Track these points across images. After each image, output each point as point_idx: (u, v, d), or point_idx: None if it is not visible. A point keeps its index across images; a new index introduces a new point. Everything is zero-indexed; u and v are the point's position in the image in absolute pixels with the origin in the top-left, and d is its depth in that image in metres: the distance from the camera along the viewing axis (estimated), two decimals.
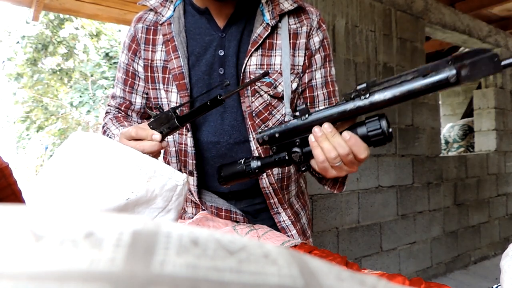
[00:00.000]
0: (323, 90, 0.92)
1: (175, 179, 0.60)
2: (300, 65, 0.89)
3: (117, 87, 0.98)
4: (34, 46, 10.12)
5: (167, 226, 0.13)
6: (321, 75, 0.91)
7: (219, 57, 0.87)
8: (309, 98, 0.92)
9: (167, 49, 0.87)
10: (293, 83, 0.88)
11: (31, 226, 0.12)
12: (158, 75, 0.90)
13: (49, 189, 0.57)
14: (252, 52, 0.85)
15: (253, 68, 0.86)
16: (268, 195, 0.91)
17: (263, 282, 0.12)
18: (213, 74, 0.87)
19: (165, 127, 0.72)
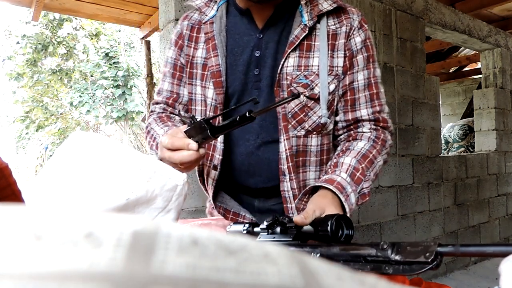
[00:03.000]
0: (365, 92, 0.90)
1: (175, 179, 0.60)
2: (340, 66, 0.88)
3: (164, 81, 1.00)
4: (34, 46, 10.12)
5: (167, 226, 0.13)
6: (363, 76, 0.89)
7: (255, 58, 0.89)
8: (350, 100, 0.90)
9: (207, 47, 0.91)
10: (331, 84, 0.87)
11: (31, 226, 0.12)
12: (196, 71, 0.93)
13: (49, 189, 0.57)
14: (289, 53, 0.85)
15: (290, 70, 0.86)
16: (286, 199, 0.89)
17: (263, 282, 0.12)
18: (249, 74, 0.89)
19: (199, 136, 0.72)
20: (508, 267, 0.34)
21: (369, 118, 0.90)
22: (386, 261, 0.45)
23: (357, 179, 0.79)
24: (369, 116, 0.90)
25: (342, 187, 0.75)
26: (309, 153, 0.90)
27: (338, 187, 0.74)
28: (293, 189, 0.88)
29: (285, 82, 0.86)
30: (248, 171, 0.92)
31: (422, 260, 0.42)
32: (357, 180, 0.79)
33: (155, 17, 3.50)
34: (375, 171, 0.85)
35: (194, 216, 1.81)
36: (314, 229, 0.53)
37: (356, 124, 0.91)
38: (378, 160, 0.86)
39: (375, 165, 0.85)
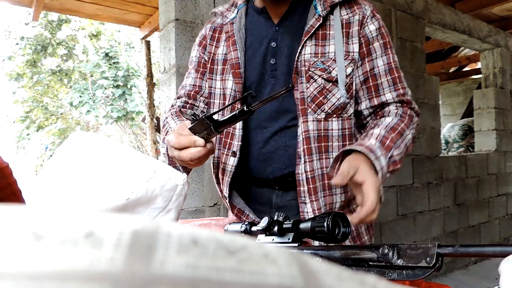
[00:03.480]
0: (387, 77, 0.93)
1: (175, 179, 0.60)
2: (355, 52, 0.92)
3: (188, 77, 1.07)
4: (34, 47, 10.12)
5: (167, 226, 0.13)
6: (383, 62, 0.93)
7: (272, 49, 0.95)
8: (373, 87, 0.93)
9: (227, 43, 0.99)
10: (348, 67, 0.91)
11: (31, 226, 0.12)
12: (217, 67, 1.01)
13: (49, 189, 0.56)
14: (305, 41, 0.91)
15: (307, 57, 0.91)
16: (300, 182, 0.90)
17: (263, 282, 0.12)
18: (266, 64, 0.95)
19: (204, 132, 0.73)
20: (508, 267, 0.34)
21: (394, 101, 0.93)
22: (388, 266, 0.45)
23: (387, 146, 0.81)
24: (394, 99, 0.93)
25: (371, 150, 0.77)
26: (330, 138, 0.92)
27: (367, 149, 0.76)
28: (306, 171, 0.90)
29: (303, 69, 0.91)
30: (266, 160, 0.94)
31: (424, 265, 0.42)
32: (387, 147, 0.81)
33: (155, 17, 3.50)
34: (405, 143, 0.86)
35: (194, 216, 1.81)
36: (311, 227, 0.53)
37: (382, 108, 0.94)
38: (406, 133, 0.87)
39: (404, 137, 0.87)
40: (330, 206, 0.93)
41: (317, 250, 0.52)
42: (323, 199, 0.92)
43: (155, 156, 4.44)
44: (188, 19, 1.84)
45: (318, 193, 0.91)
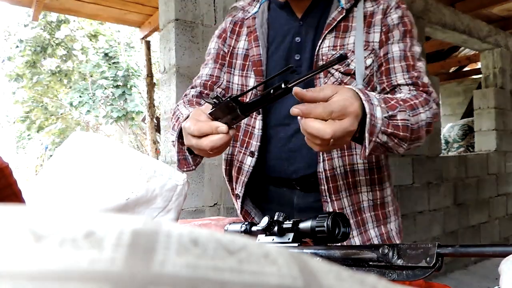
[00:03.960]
0: (401, 63, 0.86)
1: (175, 179, 0.60)
2: (376, 41, 0.88)
3: (205, 68, 1.03)
4: (33, 48, 10.12)
5: (167, 225, 0.13)
6: (399, 48, 0.87)
7: (296, 44, 0.91)
8: (385, 71, 0.87)
9: (249, 39, 0.95)
10: (368, 59, 0.87)
11: (31, 226, 0.12)
12: (236, 61, 0.98)
13: (49, 189, 0.56)
14: (326, 35, 0.87)
15: (325, 50, 0.87)
16: (321, 180, 0.86)
17: (263, 282, 0.12)
18: (290, 60, 0.91)
19: (229, 116, 0.66)
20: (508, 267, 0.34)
21: (406, 82, 0.85)
22: (388, 266, 0.45)
23: (391, 105, 0.71)
24: (406, 81, 0.85)
25: (364, 93, 0.66)
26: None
27: (360, 91, 0.65)
28: (325, 170, 0.85)
29: (320, 63, 0.87)
30: (288, 158, 0.90)
31: (424, 265, 0.42)
32: (391, 106, 0.71)
33: (155, 17, 3.50)
34: (417, 119, 0.75)
35: (194, 216, 1.81)
36: (311, 227, 0.53)
37: (393, 91, 0.87)
38: (420, 110, 0.76)
39: (416, 112, 0.75)
40: (357, 205, 0.88)
41: (317, 250, 0.52)
42: (348, 199, 0.87)
43: (155, 156, 4.45)
44: (188, 19, 1.84)
45: (340, 192, 0.86)
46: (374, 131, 0.65)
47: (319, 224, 0.52)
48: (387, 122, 0.68)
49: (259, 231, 0.59)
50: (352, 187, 0.87)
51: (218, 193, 1.94)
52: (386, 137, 0.68)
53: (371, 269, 0.47)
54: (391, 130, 0.69)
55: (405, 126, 0.71)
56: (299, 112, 0.58)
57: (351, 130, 0.59)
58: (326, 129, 0.57)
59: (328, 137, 0.57)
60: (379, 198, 0.90)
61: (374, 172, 0.89)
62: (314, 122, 0.57)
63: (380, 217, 0.90)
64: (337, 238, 0.52)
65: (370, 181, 0.89)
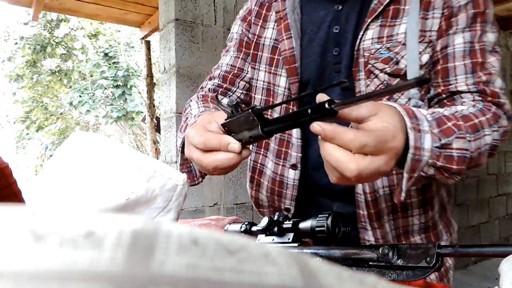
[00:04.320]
0: (465, 60, 0.65)
1: (175, 179, 0.60)
2: (435, 30, 0.67)
3: (226, 56, 0.88)
4: (33, 47, 10.13)
5: (167, 225, 0.13)
6: (463, 40, 0.66)
7: (334, 35, 0.72)
8: (441, 71, 0.67)
9: (279, 28, 0.76)
10: (423, 54, 0.66)
11: (31, 226, 0.12)
12: (261, 54, 0.80)
13: (49, 189, 0.57)
14: (369, 23, 0.68)
15: (367, 44, 0.68)
16: (359, 203, 0.71)
17: (263, 282, 0.12)
18: (326, 56, 0.73)
19: (246, 133, 0.53)
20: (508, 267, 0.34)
21: (469, 89, 0.66)
22: (388, 266, 0.45)
23: (446, 129, 0.54)
24: (469, 87, 0.65)
25: (413, 114, 0.51)
26: None
27: (406, 110, 0.50)
28: (365, 193, 0.70)
29: (362, 60, 0.69)
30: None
31: (424, 265, 0.42)
32: (445, 130, 0.54)
33: (155, 17, 3.50)
34: (479, 144, 0.57)
35: (194, 216, 1.81)
36: (311, 227, 0.53)
37: (451, 98, 0.68)
38: (485, 132, 0.59)
39: (480, 134, 0.58)
40: (404, 229, 0.72)
41: (317, 250, 0.52)
42: (393, 223, 0.71)
43: (155, 156, 4.45)
44: (188, 19, 1.84)
45: (382, 217, 0.71)
46: (417, 166, 0.50)
47: (319, 224, 0.52)
48: (438, 152, 0.52)
49: (259, 231, 0.59)
50: (401, 211, 0.71)
51: (218, 193, 1.94)
52: (433, 170, 0.52)
53: (371, 269, 0.47)
54: (441, 163, 0.52)
55: (461, 158, 0.54)
56: (321, 131, 0.43)
57: (384, 170, 0.44)
58: (349, 164, 0.43)
59: (350, 175, 0.43)
60: (430, 219, 0.73)
61: (426, 190, 0.72)
62: (337, 151, 0.43)
63: (431, 239, 0.74)
64: (337, 238, 0.52)
65: (423, 202, 0.72)
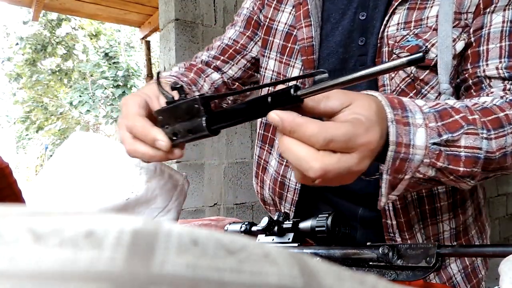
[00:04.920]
0: (502, 42, 0.55)
1: (175, 178, 0.60)
2: (471, 12, 0.57)
3: (230, 29, 0.80)
4: (33, 47, 10.14)
5: (167, 225, 0.13)
6: (503, 19, 0.56)
7: (360, 22, 0.64)
8: (472, 55, 0.58)
9: (297, 13, 0.68)
10: (458, 41, 0.57)
11: (31, 226, 0.12)
12: (274, 40, 0.72)
13: (49, 189, 0.57)
14: (396, 6, 0.59)
15: (392, 30, 0.59)
16: (385, 213, 0.62)
17: (263, 282, 0.12)
18: (351, 46, 0.65)
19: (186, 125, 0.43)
20: (508, 267, 0.34)
21: (499, 74, 0.55)
22: (388, 266, 0.45)
23: (451, 123, 0.44)
24: (500, 72, 0.55)
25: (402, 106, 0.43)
26: None
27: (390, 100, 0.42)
28: (394, 201, 0.61)
29: (385, 49, 0.60)
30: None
31: (424, 265, 0.42)
32: (451, 124, 0.44)
33: (155, 17, 3.50)
34: (502, 143, 0.47)
35: (194, 216, 1.81)
36: (311, 227, 0.53)
37: (478, 85, 0.58)
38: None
39: (505, 131, 0.47)
40: (434, 238, 0.64)
41: (317, 250, 0.52)
42: (424, 231, 0.63)
43: None
44: (188, 19, 1.84)
45: (413, 226, 0.63)
46: (405, 167, 0.42)
47: (319, 224, 0.52)
48: (438, 150, 0.43)
49: (259, 231, 0.59)
50: (430, 217, 0.63)
51: (218, 193, 1.94)
52: (434, 171, 0.44)
53: (371, 269, 0.47)
54: (443, 164, 0.43)
55: (471, 159, 0.44)
56: (278, 122, 0.36)
57: (356, 171, 0.37)
58: (312, 162, 0.35)
59: (314, 175, 0.36)
60: (461, 224, 0.66)
61: (457, 192, 0.64)
62: (298, 146, 0.36)
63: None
64: (337, 238, 0.52)
65: (453, 205, 0.64)
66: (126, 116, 0.47)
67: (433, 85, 0.59)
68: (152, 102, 0.49)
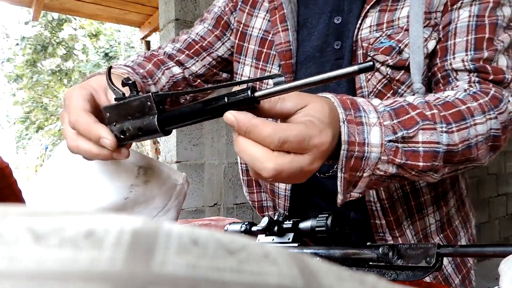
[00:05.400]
0: (468, 36, 0.56)
1: (174, 178, 0.60)
2: (440, 11, 0.58)
3: (199, 25, 0.78)
4: (34, 47, 10.14)
5: (167, 225, 0.13)
6: (470, 14, 0.56)
7: (335, 26, 0.64)
8: (441, 50, 0.59)
9: (273, 18, 0.68)
10: (430, 41, 0.58)
11: (31, 226, 0.12)
12: (248, 46, 0.71)
13: (49, 189, 0.57)
14: (368, 9, 0.60)
15: (365, 33, 0.61)
16: (372, 213, 0.63)
17: (263, 282, 0.12)
18: (327, 50, 0.65)
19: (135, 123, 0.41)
20: (508, 267, 0.34)
21: (465, 66, 0.56)
22: (388, 266, 0.45)
23: (407, 120, 0.45)
24: (465, 64, 0.56)
25: (355, 106, 0.44)
26: None
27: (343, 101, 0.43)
28: (382, 199, 0.62)
29: (360, 52, 0.61)
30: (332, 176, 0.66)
31: (424, 265, 0.42)
32: (406, 121, 0.45)
33: (155, 17, 3.50)
34: (466, 135, 0.48)
35: (194, 216, 1.81)
36: (311, 227, 0.53)
37: (446, 79, 0.59)
38: (477, 120, 0.49)
39: (468, 123, 0.48)
40: (423, 232, 0.66)
41: (317, 250, 0.52)
42: (412, 227, 0.65)
43: (155, 156, 4.45)
44: (188, 19, 1.84)
45: (402, 224, 0.64)
46: (361, 165, 0.44)
47: (319, 224, 0.52)
48: (394, 147, 0.44)
49: (259, 231, 0.59)
50: (416, 212, 0.65)
51: (218, 193, 1.94)
52: (395, 168, 0.45)
53: (371, 269, 0.47)
54: (401, 160, 0.45)
55: (430, 153, 0.45)
56: (233, 122, 0.36)
57: (308, 171, 0.39)
58: (266, 162, 0.36)
59: (267, 175, 0.37)
60: (445, 215, 0.68)
61: (438, 184, 0.65)
62: (252, 147, 0.37)
63: (450, 238, 0.68)
64: (337, 238, 0.52)
65: (435, 198, 0.66)
66: (69, 110, 0.44)
67: (409, 85, 0.60)
68: (98, 96, 0.46)
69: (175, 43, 0.77)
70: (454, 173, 0.53)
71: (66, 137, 0.46)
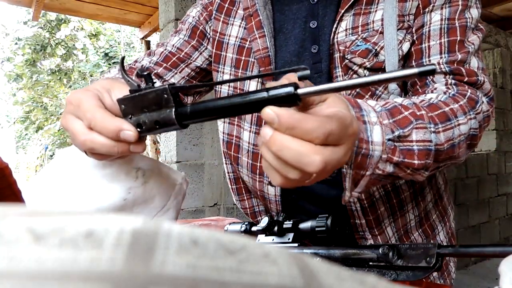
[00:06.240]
0: (441, 39, 0.58)
1: (173, 178, 0.60)
2: (412, 14, 0.60)
3: (175, 37, 0.77)
4: (33, 47, 10.14)
5: (167, 225, 0.13)
6: (441, 17, 0.59)
7: (311, 31, 0.65)
8: (415, 53, 0.60)
9: (249, 25, 0.68)
10: (404, 43, 0.60)
11: (31, 226, 0.12)
12: (226, 54, 0.72)
13: (48, 189, 0.57)
14: (342, 14, 0.61)
15: (341, 36, 0.62)
16: (352, 213, 0.64)
17: (263, 282, 0.12)
18: (304, 55, 0.66)
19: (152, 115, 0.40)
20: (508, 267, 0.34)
21: (441, 69, 0.58)
22: (388, 266, 0.45)
23: (401, 119, 0.47)
24: (442, 67, 0.58)
25: (357, 105, 0.45)
26: None
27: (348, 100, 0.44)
28: (362, 200, 0.63)
29: (337, 56, 0.62)
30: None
31: (424, 265, 0.42)
32: (401, 121, 0.47)
33: (155, 17, 3.50)
34: (450, 135, 0.50)
35: (194, 216, 1.81)
36: (311, 227, 0.53)
37: (422, 81, 0.61)
38: (460, 120, 0.52)
39: (453, 124, 0.51)
40: (404, 228, 0.67)
41: (317, 250, 0.53)
42: (393, 226, 0.66)
43: (155, 156, 4.45)
44: None
45: (382, 222, 0.65)
46: (366, 163, 0.44)
47: (319, 224, 0.52)
48: (393, 146, 0.45)
49: (259, 231, 0.59)
50: (398, 209, 0.66)
51: (218, 193, 1.94)
52: (392, 167, 0.46)
53: (371, 269, 0.47)
54: (399, 158, 0.46)
55: (423, 151, 0.47)
56: (273, 118, 0.34)
57: (343, 162, 0.38)
58: (313, 156, 0.34)
59: (313, 170, 0.35)
60: (422, 210, 0.69)
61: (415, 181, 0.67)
62: (296, 142, 0.34)
63: (428, 233, 0.70)
64: (337, 238, 0.52)
65: (414, 194, 0.67)
66: (83, 109, 0.43)
67: (386, 86, 0.62)
68: (103, 97, 0.45)
69: (152, 57, 0.77)
70: (435, 171, 0.54)
71: (77, 133, 0.43)
